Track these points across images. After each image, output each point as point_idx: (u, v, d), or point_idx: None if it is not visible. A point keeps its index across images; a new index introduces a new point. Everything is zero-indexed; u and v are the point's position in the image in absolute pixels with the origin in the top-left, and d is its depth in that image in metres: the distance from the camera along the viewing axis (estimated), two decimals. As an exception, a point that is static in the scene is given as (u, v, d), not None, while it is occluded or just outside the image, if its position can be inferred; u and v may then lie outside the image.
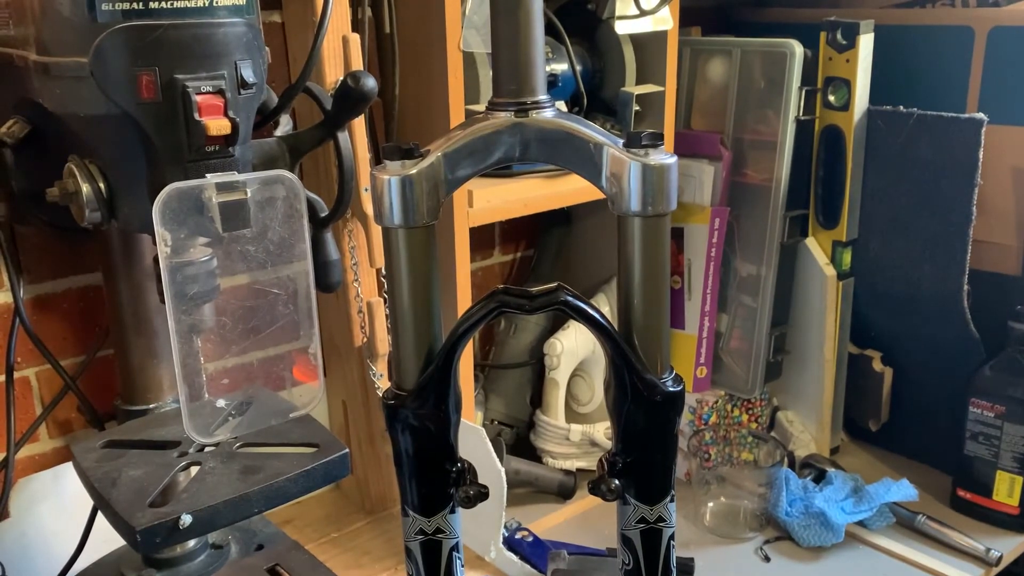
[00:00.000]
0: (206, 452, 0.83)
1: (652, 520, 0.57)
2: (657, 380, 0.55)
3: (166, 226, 0.68)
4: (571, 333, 1.26)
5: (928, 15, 1.30)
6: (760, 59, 1.28)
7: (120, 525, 0.74)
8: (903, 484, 1.22)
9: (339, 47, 0.96)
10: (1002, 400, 1.20)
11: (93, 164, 0.72)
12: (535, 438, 1.31)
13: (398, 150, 0.52)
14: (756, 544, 1.21)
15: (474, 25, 1.00)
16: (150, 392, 0.92)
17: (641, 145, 0.52)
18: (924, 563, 1.15)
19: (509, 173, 1.07)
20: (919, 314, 1.30)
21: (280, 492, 0.78)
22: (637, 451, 0.57)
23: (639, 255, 0.54)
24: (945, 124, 1.21)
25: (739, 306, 1.36)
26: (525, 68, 0.54)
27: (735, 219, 1.33)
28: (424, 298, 0.55)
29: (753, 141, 1.30)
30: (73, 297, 0.98)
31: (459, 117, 1.00)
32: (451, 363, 0.55)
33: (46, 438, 1.00)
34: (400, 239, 0.53)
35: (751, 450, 1.31)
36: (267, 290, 0.77)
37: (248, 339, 0.78)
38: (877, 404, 1.39)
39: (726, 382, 1.39)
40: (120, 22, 0.65)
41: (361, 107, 0.82)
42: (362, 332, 1.06)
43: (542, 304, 0.54)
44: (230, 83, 0.70)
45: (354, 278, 1.04)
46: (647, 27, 1.18)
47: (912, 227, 1.27)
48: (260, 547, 0.90)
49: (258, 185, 0.72)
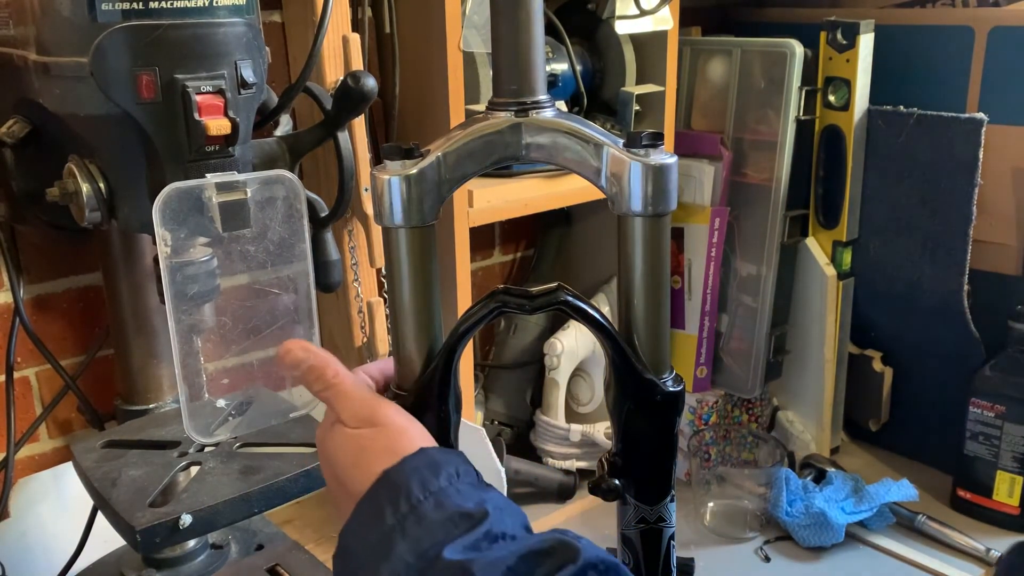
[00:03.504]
0: (206, 452, 0.83)
1: (652, 520, 0.57)
2: (657, 380, 0.55)
3: (166, 226, 0.68)
4: (571, 333, 1.26)
5: (928, 15, 1.30)
6: (760, 59, 1.28)
7: (120, 525, 0.74)
8: (903, 484, 1.22)
9: (339, 47, 0.96)
10: (1002, 400, 1.20)
11: (93, 164, 0.72)
12: (535, 438, 1.31)
13: (398, 150, 0.52)
14: (756, 544, 1.21)
15: (474, 25, 1.00)
16: (150, 392, 0.92)
17: (641, 145, 0.52)
18: (924, 563, 1.15)
19: (509, 173, 1.07)
20: (919, 314, 1.30)
21: (280, 492, 0.78)
22: (637, 451, 0.57)
23: (639, 255, 0.54)
24: (945, 124, 1.21)
25: (739, 306, 1.36)
26: (525, 68, 0.54)
27: (735, 219, 1.33)
28: (424, 298, 0.55)
29: (753, 141, 1.30)
30: (73, 297, 0.98)
31: (459, 117, 1.00)
32: (451, 363, 0.55)
33: (46, 438, 1.00)
34: (400, 239, 0.53)
35: (751, 450, 1.31)
36: (267, 290, 0.77)
37: (248, 339, 0.78)
38: (877, 404, 1.39)
39: (726, 382, 1.39)
40: (120, 22, 0.65)
41: (361, 107, 0.82)
42: (362, 332, 1.06)
43: (542, 304, 0.54)
44: (230, 83, 0.70)
45: (354, 278, 1.04)
46: (647, 27, 1.18)
47: (912, 227, 1.27)
48: (260, 547, 0.90)
49: (258, 185, 0.72)
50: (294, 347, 0.55)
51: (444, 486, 0.49)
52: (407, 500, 0.48)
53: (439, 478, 0.49)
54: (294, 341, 0.56)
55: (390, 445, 0.51)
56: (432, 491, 0.48)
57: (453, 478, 0.49)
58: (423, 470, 0.49)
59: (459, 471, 0.50)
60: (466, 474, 0.51)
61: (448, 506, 0.48)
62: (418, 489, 0.48)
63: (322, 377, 0.54)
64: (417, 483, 0.48)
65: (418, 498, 0.48)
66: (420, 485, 0.48)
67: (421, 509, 0.47)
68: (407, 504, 0.48)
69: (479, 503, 0.48)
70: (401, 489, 0.48)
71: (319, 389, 0.55)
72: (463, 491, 0.49)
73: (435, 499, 0.48)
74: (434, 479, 0.49)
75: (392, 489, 0.49)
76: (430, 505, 0.48)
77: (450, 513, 0.47)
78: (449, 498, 0.48)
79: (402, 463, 0.49)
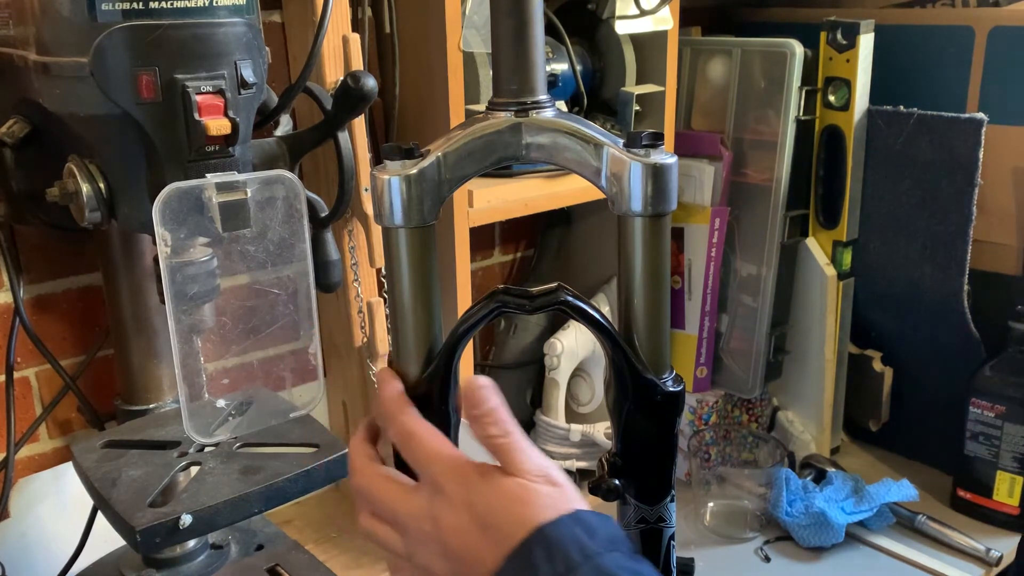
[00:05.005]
0: (206, 452, 0.83)
1: (652, 520, 0.57)
2: (657, 380, 0.55)
3: (166, 226, 0.68)
4: (571, 333, 1.26)
5: (928, 15, 1.30)
6: (760, 59, 1.28)
7: (120, 525, 0.74)
8: (903, 484, 1.22)
9: (339, 47, 0.96)
10: (1002, 400, 1.20)
11: (93, 164, 0.72)
12: (535, 438, 1.31)
13: (398, 150, 0.52)
14: (756, 544, 1.21)
15: (474, 25, 1.00)
16: (150, 392, 0.92)
17: (641, 145, 0.52)
18: (924, 563, 1.15)
19: (509, 173, 1.07)
20: (919, 314, 1.30)
21: (280, 492, 0.78)
22: (637, 451, 0.57)
23: (639, 255, 0.54)
24: (945, 124, 1.21)
25: (739, 306, 1.36)
26: (525, 68, 0.54)
27: (735, 219, 1.33)
28: (424, 298, 0.54)
29: (753, 141, 1.30)
30: (73, 297, 0.98)
31: (459, 117, 1.00)
32: (451, 363, 0.55)
33: (46, 438, 1.00)
34: (400, 239, 0.53)
35: (751, 450, 1.31)
36: (267, 290, 0.77)
37: (248, 339, 0.78)
38: (877, 404, 1.39)
39: (726, 382, 1.39)
40: (120, 22, 0.65)
41: (361, 107, 0.82)
42: (362, 332, 1.06)
43: (542, 304, 0.54)
44: (230, 83, 0.70)
45: (354, 278, 1.04)
46: (647, 27, 1.18)
47: (912, 227, 1.27)
48: (260, 547, 0.90)
49: (258, 185, 0.72)
50: (486, 383, 0.52)
51: (600, 551, 0.47)
52: (565, 562, 0.46)
53: (595, 542, 0.47)
54: (486, 379, 0.52)
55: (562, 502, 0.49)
56: (588, 555, 0.46)
57: (608, 545, 0.47)
58: (579, 531, 0.47)
59: (614, 537, 0.48)
60: (622, 542, 0.49)
61: (606, 574, 0.46)
62: (576, 552, 0.46)
63: (500, 422, 0.51)
64: (574, 545, 0.46)
65: (576, 561, 0.46)
66: (578, 547, 0.46)
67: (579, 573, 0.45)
68: (564, 565, 0.46)
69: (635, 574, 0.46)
70: (558, 550, 0.46)
71: (495, 434, 0.51)
72: (618, 561, 0.47)
73: (592, 565, 0.46)
74: (590, 543, 0.47)
75: (548, 548, 0.47)
76: (588, 571, 0.46)
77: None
78: (606, 566, 0.46)
79: (557, 521, 0.47)
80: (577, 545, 0.46)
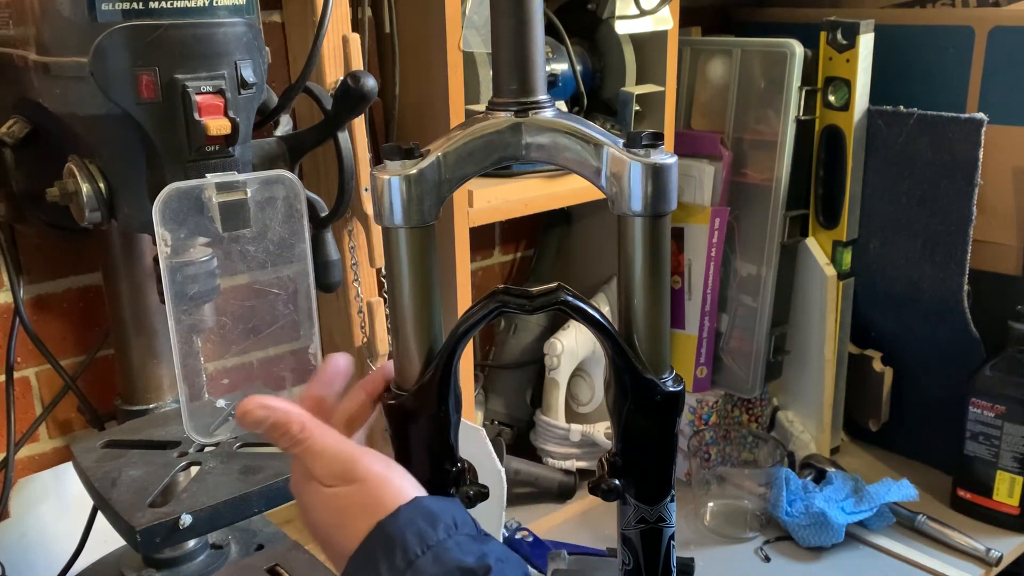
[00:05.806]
0: (206, 452, 0.83)
1: (652, 520, 0.57)
2: (657, 380, 0.55)
3: (166, 226, 0.68)
4: (571, 333, 1.26)
5: (928, 15, 1.30)
6: (760, 59, 1.28)
7: (120, 525, 0.74)
8: (903, 484, 1.22)
9: (339, 47, 0.96)
10: (1002, 400, 1.20)
11: (93, 164, 0.72)
12: (535, 438, 1.31)
13: (398, 150, 0.52)
14: (756, 544, 1.21)
15: (474, 25, 1.00)
16: (150, 392, 0.92)
17: (641, 145, 0.52)
18: (924, 563, 1.16)
19: (509, 173, 1.07)
20: (919, 314, 1.30)
21: (280, 492, 0.78)
22: (637, 451, 0.57)
23: (639, 255, 0.54)
24: (945, 124, 1.21)
25: (739, 306, 1.36)
26: (525, 68, 0.54)
27: (735, 219, 1.33)
28: (424, 298, 0.54)
29: (753, 141, 1.30)
30: (73, 297, 0.98)
31: (459, 117, 1.00)
32: (451, 363, 0.54)
33: (46, 438, 1.00)
34: (400, 239, 0.53)
35: (751, 450, 1.31)
36: (267, 290, 0.77)
37: (248, 339, 0.78)
38: (877, 404, 1.39)
39: (726, 382, 1.39)
40: (120, 22, 0.65)
41: (361, 107, 0.82)
42: (362, 332, 1.06)
43: (542, 304, 0.54)
44: (230, 83, 0.70)
45: (354, 278, 1.04)
46: (647, 27, 1.18)
47: (912, 227, 1.27)
48: (260, 547, 0.90)
49: (258, 185, 0.72)
50: (251, 407, 0.51)
51: (442, 539, 0.46)
52: (404, 556, 0.45)
53: (436, 530, 0.46)
54: (251, 400, 0.51)
55: (371, 501, 0.48)
56: (430, 545, 0.46)
57: (451, 530, 0.47)
58: (419, 522, 0.47)
59: (456, 521, 0.48)
60: (464, 524, 0.48)
61: (448, 561, 0.45)
62: (415, 543, 0.46)
63: (287, 434, 0.50)
64: (413, 536, 0.46)
65: (416, 553, 0.45)
66: (417, 539, 0.46)
67: (419, 564, 0.45)
68: (404, 560, 0.45)
69: (480, 557, 0.46)
70: (397, 544, 0.46)
71: (287, 446, 0.51)
72: (462, 544, 0.47)
73: (433, 554, 0.45)
74: (431, 532, 0.46)
75: (387, 544, 0.46)
76: (428, 560, 0.45)
77: (450, 569, 0.45)
78: (448, 552, 0.46)
79: (396, 514, 0.47)
80: (417, 536, 0.46)
